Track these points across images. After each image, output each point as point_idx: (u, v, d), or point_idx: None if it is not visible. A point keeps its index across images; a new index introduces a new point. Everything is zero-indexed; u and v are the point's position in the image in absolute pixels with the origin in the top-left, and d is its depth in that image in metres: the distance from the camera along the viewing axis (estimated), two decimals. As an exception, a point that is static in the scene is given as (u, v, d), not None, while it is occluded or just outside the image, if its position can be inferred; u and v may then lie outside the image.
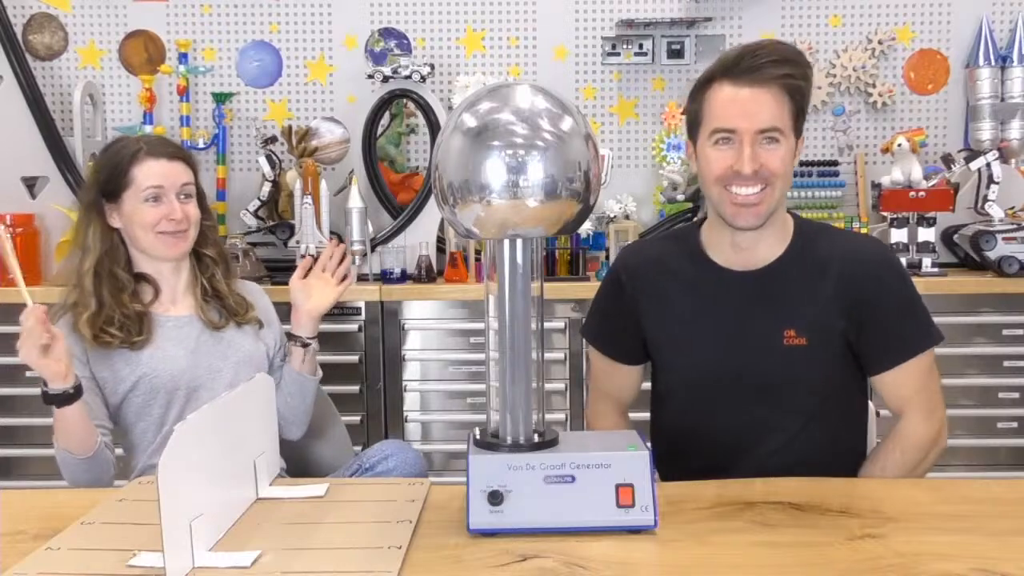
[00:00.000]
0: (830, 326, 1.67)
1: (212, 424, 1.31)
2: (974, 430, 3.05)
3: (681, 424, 1.77)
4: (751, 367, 1.69)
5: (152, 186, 1.87)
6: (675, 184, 3.29)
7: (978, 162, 3.16)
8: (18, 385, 2.89)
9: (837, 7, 3.40)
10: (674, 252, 1.79)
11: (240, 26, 3.42)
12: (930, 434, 1.69)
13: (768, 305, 1.69)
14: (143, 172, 1.87)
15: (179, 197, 1.89)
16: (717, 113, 1.60)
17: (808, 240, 1.72)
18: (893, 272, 1.70)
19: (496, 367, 1.38)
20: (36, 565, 1.23)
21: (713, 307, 1.71)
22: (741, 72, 1.58)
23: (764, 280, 1.70)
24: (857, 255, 1.70)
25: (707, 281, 1.73)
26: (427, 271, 3.15)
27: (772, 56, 1.58)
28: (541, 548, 1.26)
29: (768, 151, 1.59)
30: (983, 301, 3.03)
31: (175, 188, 1.89)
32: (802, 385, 1.69)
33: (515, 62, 3.43)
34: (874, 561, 1.22)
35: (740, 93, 1.58)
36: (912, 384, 1.69)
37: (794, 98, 1.61)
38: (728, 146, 1.60)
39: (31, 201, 3.23)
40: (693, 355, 1.73)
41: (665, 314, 1.75)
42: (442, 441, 3.11)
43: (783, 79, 1.58)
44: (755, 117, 1.58)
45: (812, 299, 1.68)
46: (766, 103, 1.58)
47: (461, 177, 1.28)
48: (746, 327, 1.69)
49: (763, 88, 1.58)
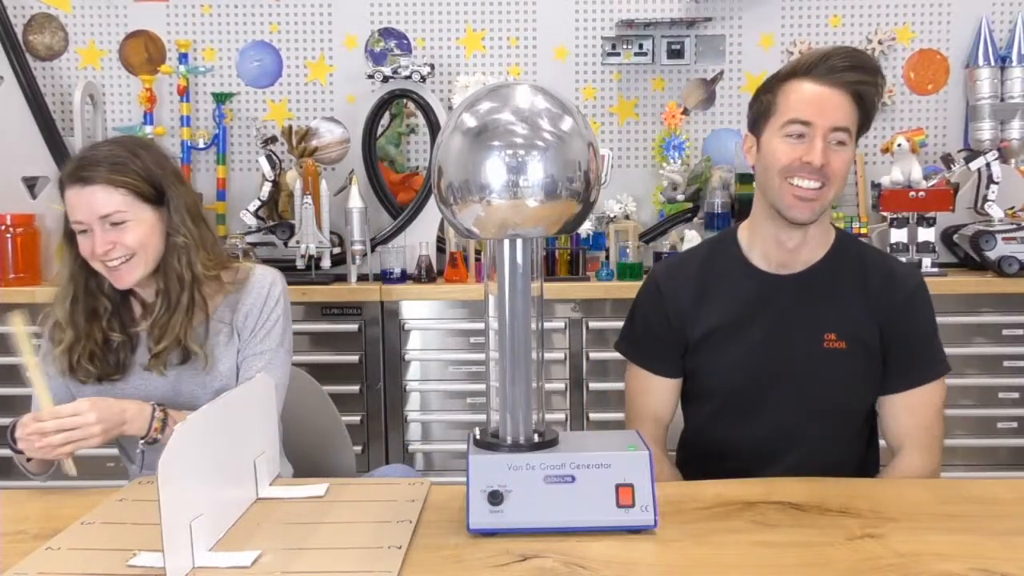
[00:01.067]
0: (866, 335, 1.70)
1: (212, 424, 1.31)
2: (974, 430, 3.05)
3: (716, 428, 1.78)
4: (791, 369, 1.70)
5: (75, 220, 1.69)
6: (675, 184, 3.30)
7: (978, 162, 3.16)
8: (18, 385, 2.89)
9: (837, 7, 3.40)
10: (713, 257, 1.81)
11: (240, 26, 3.42)
12: (926, 471, 1.71)
13: (808, 308, 1.71)
14: (67, 203, 1.69)
15: (105, 227, 1.67)
16: (794, 106, 1.65)
17: (848, 249, 1.76)
18: (923, 299, 1.74)
19: (496, 367, 1.38)
20: (36, 565, 1.24)
21: (754, 310, 1.73)
22: (823, 72, 1.64)
23: (805, 283, 1.72)
24: (893, 275, 1.74)
25: (748, 285, 1.75)
26: (427, 271, 3.15)
27: (851, 61, 1.64)
28: (541, 548, 1.26)
29: (835, 151, 1.64)
30: (983, 301, 3.03)
31: (95, 220, 1.67)
32: (840, 388, 1.71)
33: (515, 62, 3.43)
34: (874, 561, 1.22)
35: (821, 91, 1.64)
36: (920, 414, 1.72)
37: (862, 107, 1.66)
38: (799, 141, 1.64)
39: (31, 201, 3.23)
40: (734, 357, 1.73)
41: (707, 320, 1.76)
42: (442, 441, 3.11)
43: (858, 85, 1.64)
44: (831, 114, 1.63)
45: (851, 304, 1.71)
46: (841, 104, 1.64)
47: (461, 177, 1.28)
48: (787, 330, 1.71)
49: (840, 90, 1.64)
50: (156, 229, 1.73)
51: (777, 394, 1.71)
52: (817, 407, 1.71)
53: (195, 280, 1.75)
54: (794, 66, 1.68)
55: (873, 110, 1.68)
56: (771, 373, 1.71)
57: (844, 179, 1.67)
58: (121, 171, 1.68)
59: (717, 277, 1.78)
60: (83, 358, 1.73)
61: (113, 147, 1.73)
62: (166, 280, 1.74)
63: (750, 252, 1.76)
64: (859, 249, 1.77)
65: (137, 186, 1.69)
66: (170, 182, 1.75)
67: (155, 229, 1.72)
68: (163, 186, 1.73)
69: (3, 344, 3.03)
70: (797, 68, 1.67)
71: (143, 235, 1.70)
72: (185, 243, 1.74)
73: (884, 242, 3.22)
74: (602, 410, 3.02)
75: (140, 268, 1.71)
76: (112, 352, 1.75)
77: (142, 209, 1.70)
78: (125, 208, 1.68)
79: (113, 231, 1.68)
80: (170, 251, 1.74)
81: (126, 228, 1.68)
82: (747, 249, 1.77)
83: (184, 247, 1.74)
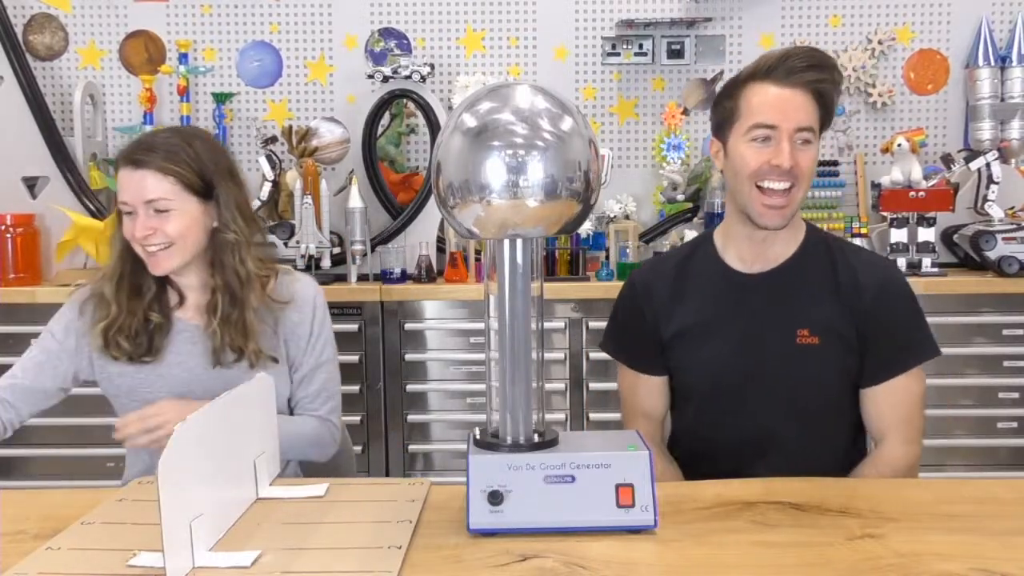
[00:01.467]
0: (839, 328, 1.71)
1: (212, 424, 1.31)
2: (974, 430, 3.05)
3: (699, 427, 1.79)
4: (765, 367, 1.72)
5: (121, 201, 1.72)
6: (675, 184, 3.30)
7: (978, 162, 3.16)
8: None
9: (837, 7, 3.40)
10: (689, 258, 1.83)
11: (240, 26, 3.42)
12: (907, 460, 1.72)
13: (781, 305, 1.72)
14: (118, 184, 1.74)
15: (149, 212, 1.70)
16: (757, 110, 1.66)
17: (819, 244, 1.77)
18: (896, 288, 1.74)
19: (496, 367, 1.38)
20: (36, 565, 1.23)
21: (728, 309, 1.75)
22: (783, 74, 1.65)
23: (776, 281, 1.74)
24: (863, 267, 1.74)
25: (722, 284, 1.77)
26: (427, 271, 3.15)
27: (809, 61, 1.66)
28: (541, 548, 1.26)
29: (802, 150, 1.66)
30: (983, 301, 3.03)
31: (140, 203, 1.70)
32: (815, 384, 1.72)
33: (515, 62, 3.43)
34: (874, 561, 1.22)
35: (782, 92, 1.65)
36: (901, 405, 1.72)
37: (822, 103, 1.68)
38: (765, 144, 1.66)
39: (31, 201, 3.23)
40: (709, 356, 1.75)
41: (681, 317, 1.78)
42: (442, 441, 3.11)
43: (818, 83, 1.66)
44: (795, 116, 1.65)
45: (823, 300, 1.72)
46: (803, 104, 1.66)
47: (461, 177, 1.28)
48: (760, 327, 1.72)
49: (800, 90, 1.65)
50: (199, 222, 1.74)
51: (754, 392, 1.72)
52: (795, 404, 1.71)
53: (249, 277, 1.77)
54: (753, 69, 1.69)
55: (833, 106, 1.70)
56: (746, 372, 1.72)
57: (811, 177, 1.70)
58: (173, 160, 1.70)
59: (692, 276, 1.80)
60: (120, 335, 1.75)
61: (171, 135, 1.76)
62: (224, 276, 1.76)
63: (724, 253, 1.79)
64: (829, 243, 1.78)
65: (186, 177, 1.71)
66: (221, 177, 1.76)
67: (198, 222, 1.74)
68: (213, 180, 1.75)
69: (3, 345, 3.04)
70: (756, 71, 1.68)
71: (184, 226, 1.71)
72: (236, 240, 1.76)
73: (884, 242, 3.22)
74: (602, 410, 3.02)
75: (176, 258, 1.73)
76: (147, 333, 1.77)
77: (188, 200, 1.72)
78: (171, 197, 1.70)
79: (156, 217, 1.70)
80: (222, 247, 1.76)
81: (169, 217, 1.70)
82: (722, 250, 1.79)
83: (235, 244, 1.76)
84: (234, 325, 1.75)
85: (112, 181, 3.26)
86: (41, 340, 1.82)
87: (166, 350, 1.79)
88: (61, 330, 1.81)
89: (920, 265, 3.12)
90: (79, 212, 3.18)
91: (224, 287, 1.76)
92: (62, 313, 1.83)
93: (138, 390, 1.79)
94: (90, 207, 3.22)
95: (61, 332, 1.81)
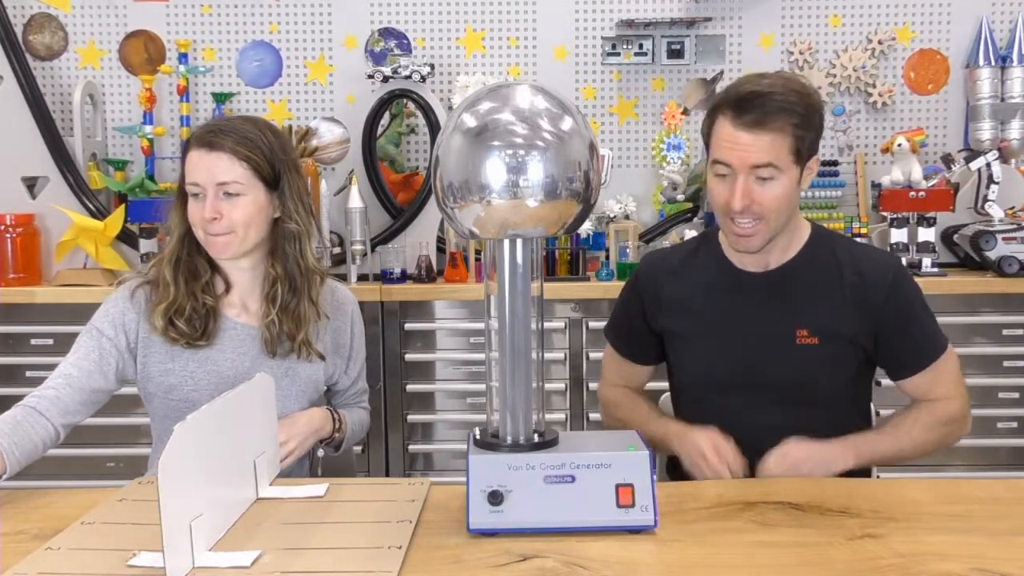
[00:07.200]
0: (841, 329, 1.71)
1: (212, 424, 1.31)
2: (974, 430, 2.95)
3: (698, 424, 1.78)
4: (764, 365, 1.72)
5: (191, 182, 1.71)
6: (675, 184, 3.30)
7: (978, 162, 3.16)
8: (18, 385, 2.89)
9: (837, 7, 3.40)
10: (694, 254, 1.84)
11: (240, 26, 3.42)
12: (957, 409, 1.75)
13: (781, 304, 1.73)
14: (188, 164, 1.72)
15: (219, 195, 1.69)
16: (716, 146, 1.66)
17: (823, 245, 1.77)
18: (904, 284, 1.74)
19: (496, 367, 1.39)
20: (36, 565, 1.23)
21: (729, 306, 1.76)
22: (742, 113, 1.61)
23: (778, 280, 1.74)
24: (870, 267, 1.74)
25: (724, 281, 1.78)
26: (427, 271, 3.15)
27: (776, 104, 1.60)
28: (541, 548, 1.26)
29: (761, 187, 1.63)
30: (983, 301, 3.03)
31: (211, 185, 1.69)
32: (813, 385, 1.73)
33: (515, 62, 3.43)
34: (874, 561, 1.22)
35: (736, 134, 1.62)
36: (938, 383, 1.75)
37: (795, 135, 1.62)
38: (725, 180, 1.66)
39: (31, 201, 3.23)
40: (708, 353, 1.77)
41: (682, 313, 1.79)
42: (442, 441, 3.11)
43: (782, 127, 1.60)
44: (748, 157, 1.62)
45: (824, 300, 1.72)
46: (763, 146, 1.61)
47: (461, 177, 1.28)
48: (760, 326, 1.73)
49: (762, 132, 1.60)
50: (264, 211, 1.74)
51: (754, 391, 1.73)
52: (794, 404, 1.72)
53: (308, 270, 1.79)
54: (722, 98, 1.66)
55: (806, 137, 1.63)
56: (745, 370, 1.73)
57: (781, 208, 1.65)
58: (248, 145, 1.71)
59: (696, 271, 1.81)
60: (179, 317, 1.74)
61: (245, 123, 1.77)
62: (285, 265, 1.77)
63: (728, 250, 1.79)
64: (833, 244, 1.78)
65: (259, 164, 1.72)
66: (288, 169, 1.77)
67: (263, 211, 1.74)
68: (281, 171, 1.75)
69: (3, 345, 3.04)
70: (723, 102, 1.65)
71: (251, 213, 1.71)
72: (298, 231, 1.77)
73: (884, 242, 3.22)
74: (602, 410, 3.02)
75: (235, 245, 1.72)
76: (201, 318, 1.75)
77: (257, 188, 1.72)
78: (243, 181, 1.70)
79: (225, 201, 1.69)
80: (284, 237, 1.77)
81: (238, 202, 1.70)
82: (726, 247, 1.80)
83: (297, 235, 1.77)
84: (291, 315, 1.77)
85: (112, 181, 3.26)
86: (89, 338, 1.75)
87: (217, 337, 1.77)
88: (110, 326, 1.75)
89: (920, 265, 3.12)
90: (79, 212, 3.18)
91: (284, 276, 1.77)
92: (107, 310, 1.77)
93: (178, 388, 1.75)
94: (90, 207, 3.21)
95: (111, 328, 1.75)
